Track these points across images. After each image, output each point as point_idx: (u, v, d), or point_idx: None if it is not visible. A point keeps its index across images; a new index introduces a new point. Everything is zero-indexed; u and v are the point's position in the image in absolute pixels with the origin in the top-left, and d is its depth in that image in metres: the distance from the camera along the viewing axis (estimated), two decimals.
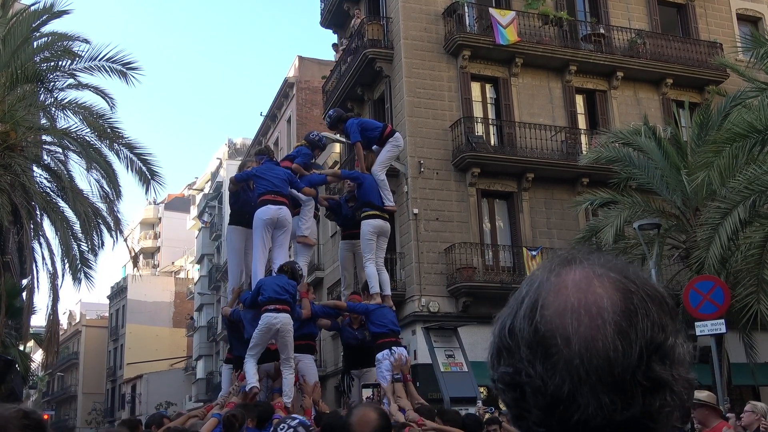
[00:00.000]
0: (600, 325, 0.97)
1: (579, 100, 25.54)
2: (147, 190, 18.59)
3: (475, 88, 24.33)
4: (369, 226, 9.71)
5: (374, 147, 10.55)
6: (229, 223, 10.28)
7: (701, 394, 7.58)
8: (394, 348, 9.11)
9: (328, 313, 10.01)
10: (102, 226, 18.66)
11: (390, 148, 10.32)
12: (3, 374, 15.89)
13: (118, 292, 65.70)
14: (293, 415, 5.66)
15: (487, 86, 24.70)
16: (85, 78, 17.59)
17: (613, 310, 0.98)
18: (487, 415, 9.69)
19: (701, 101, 24.63)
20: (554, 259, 1.08)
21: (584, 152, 22.52)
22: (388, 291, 9.88)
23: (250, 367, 8.48)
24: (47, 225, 18.44)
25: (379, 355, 9.11)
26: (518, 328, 1.02)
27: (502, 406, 9.33)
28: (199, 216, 56.71)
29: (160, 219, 73.53)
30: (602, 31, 25.32)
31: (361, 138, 10.31)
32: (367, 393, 9.05)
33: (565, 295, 1.00)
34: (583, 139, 24.57)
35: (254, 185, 9.43)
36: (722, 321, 13.71)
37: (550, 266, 1.06)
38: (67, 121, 18.04)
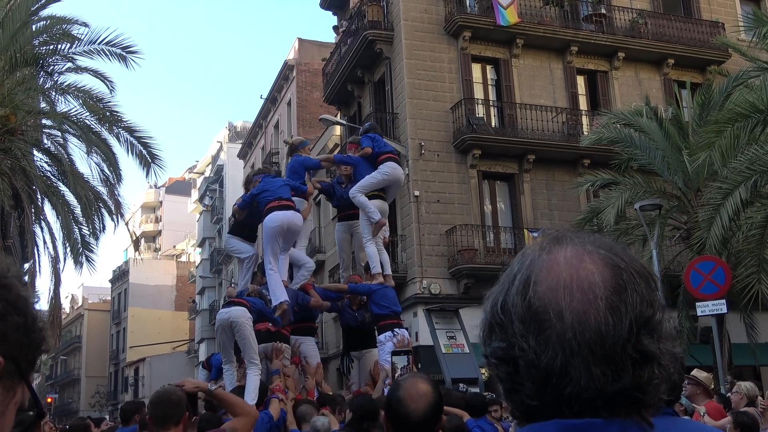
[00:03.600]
0: (592, 300, 1.00)
1: (580, 80, 25.46)
2: (147, 173, 18.57)
3: (476, 69, 24.24)
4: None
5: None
6: (231, 233, 10.19)
7: (701, 375, 7.63)
8: (396, 329, 9.10)
9: (329, 296, 10.02)
10: (103, 210, 18.66)
11: (377, 174, 9.73)
12: None
13: (120, 275, 65.84)
14: None
15: (488, 67, 24.61)
16: (84, 61, 17.54)
17: (604, 286, 1.01)
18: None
19: (703, 81, 24.52)
20: (545, 237, 1.11)
21: (585, 133, 22.47)
22: (388, 270, 9.86)
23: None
24: (48, 209, 18.47)
25: (381, 337, 9.10)
26: (511, 303, 1.05)
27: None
28: (200, 199, 56.72)
29: (161, 203, 73.54)
30: (603, 11, 25.19)
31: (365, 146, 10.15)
32: (401, 362, 8.56)
33: (557, 271, 1.03)
34: (585, 120, 24.50)
35: (257, 204, 9.30)
36: (723, 301, 13.74)
37: (541, 244, 1.09)
38: (67, 105, 17.99)
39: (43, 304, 17.31)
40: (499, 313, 1.06)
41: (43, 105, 18.87)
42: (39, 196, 18.02)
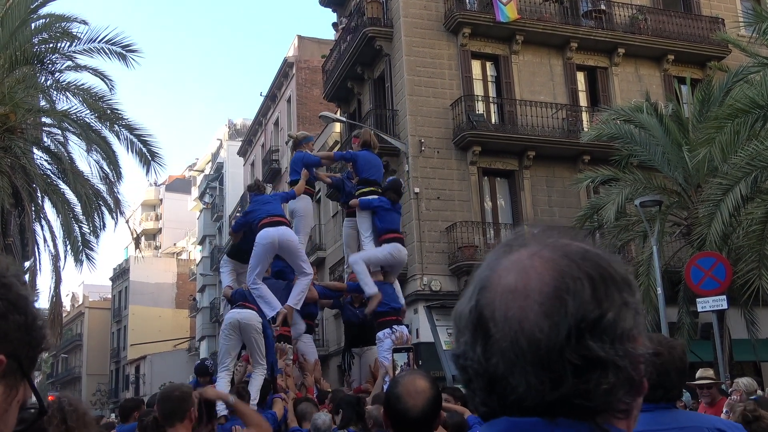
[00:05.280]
0: (526, 306, 0.97)
1: (580, 77, 25.44)
2: (147, 171, 18.56)
3: (476, 65, 24.22)
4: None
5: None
6: (229, 256, 10.03)
7: (706, 372, 7.65)
8: (395, 326, 9.09)
9: (328, 295, 10.00)
10: (103, 208, 18.66)
11: (382, 251, 9.36)
12: None
13: (121, 273, 65.89)
14: None
15: (488, 64, 24.59)
16: (84, 60, 17.50)
17: (540, 290, 0.97)
18: None
19: (703, 77, 24.50)
20: (504, 240, 1.09)
21: (585, 129, 22.44)
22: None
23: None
24: (48, 207, 18.45)
25: (380, 334, 9.09)
26: (463, 312, 1.04)
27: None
28: (200, 197, 56.73)
29: (161, 200, 73.55)
30: (603, 7, 25.16)
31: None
32: (402, 359, 8.60)
33: (500, 277, 1.01)
34: (585, 116, 24.49)
35: (250, 224, 9.18)
36: (724, 297, 13.75)
37: (497, 248, 1.07)
38: (67, 103, 17.97)
39: (43, 303, 17.31)
40: (457, 321, 1.05)
41: (42, 103, 18.85)
42: (39, 195, 18.01)
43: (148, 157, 18.16)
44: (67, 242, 18.17)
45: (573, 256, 1.01)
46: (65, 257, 18.20)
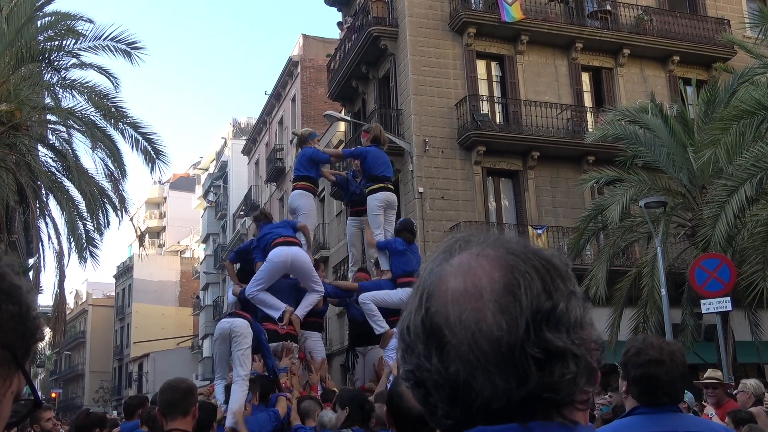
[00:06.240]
0: (480, 307, 0.95)
1: (585, 77, 25.40)
2: (152, 169, 18.56)
3: (481, 65, 24.21)
4: (375, 200, 9.56)
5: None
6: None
7: (714, 373, 7.65)
8: None
9: (338, 294, 9.96)
10: (107, 206, 18.67)
11: (396, 295, 8.99)
12: None
13: (124, 271, 66.02)
14: None
15: (493, 64, 24.57)
16: (89, 57, 17.52)
17: (492, 288, 0.96)
18: None
19: (708, 78, 24.45)
20: (442, 246, 1.06)
21: (590, 130, 22.40)
22: None
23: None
24: (53, 204, 18.49)
25: None
26: (413, 324, 1.01)
27: None
28: (204, 195, 56.80)
29: (165, 198, 73.67)
30: (608, 7, 25.12)
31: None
32: None
33: (447, 282, 0.99)
34: (589, 117, 24.46)
35: (263, 248, 8.96)
36: (728, 299, 13.72)
37: (437, 255, 1.05)
38: (72, 101, 18.00)
39: (47, 300, 17.34)
40: (405, 334, 1.02)
41: (48, 101, 18.89)
42: (44, 192, 18.04)
43: (152, 155, 18.18)
44: (71, 239, 18.20)
45: (516, 252, 1.00)
46: (69, 254, 18.23)
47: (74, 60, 17.52)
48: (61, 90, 18.06)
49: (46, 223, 18.52)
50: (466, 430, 0.97)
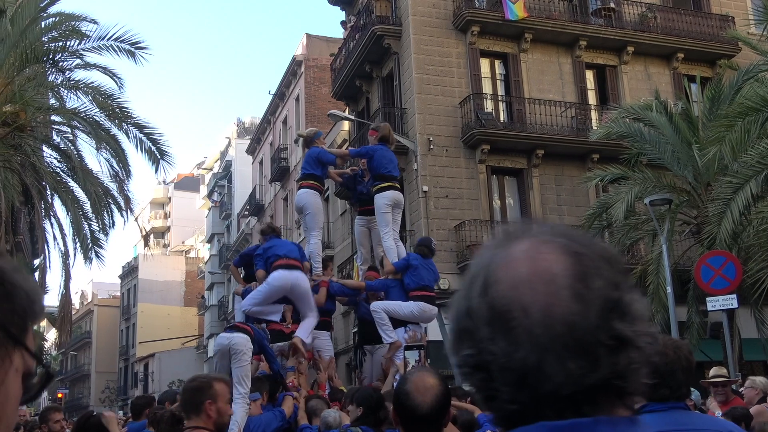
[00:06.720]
0: (555, 291, 0.96)
1: (589, 75, 25.38)
2: (156, 169, 18.55)
3: (485, 64, 24.20)
4: (383, 198, 9.55)
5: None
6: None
7: (720, 371, 7.63)
8: (409, 325, 9.08)
9: (345, 293, 9.96)
10: (112, 206, 18.68)
11: (409, 308, 9.04)
12: None
13: (130, 271, 66.09)
14: None
15: (497, 62, 24.56)
16: (93, 58, 17.53)
17: (565, 274, 0.97)
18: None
19: (713, 75, 24.41)
20: (500, 234, 1.07)
21: (594, 128, 22.38)
22: None
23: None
24: (58, 205, 18.49)
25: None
26: (475, 307, 1.00)
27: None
28: (209, 195, 56.84)
29: (169, 198, 73.72)
30: (612, 5, 25.09)
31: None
32: (414, 357, 8.58)
33: (515, 267, 0.99)
34: (594, 114, 24.44)
35: (266, 259, 8.89)
36: (734, 296, 13.70)
37: (497, 242, 1.05)
38: (77, 101, 18.00)
39: (53, 300, 17.36)
40: (464, 318, 1.02)
41: (52, 101, 18.92)
42: (49, 192, 18.06)
43: (157, 155, 18.18)
44: (77, 240, 18.21)
45: (579, 240, 1.02)
46: (75, 255, 18.24)
47: (78, 60, 17.55)
48: (65, 91, 18.09)
49: (52, 224, 18.54)
50: (527, 425, 0.97)
